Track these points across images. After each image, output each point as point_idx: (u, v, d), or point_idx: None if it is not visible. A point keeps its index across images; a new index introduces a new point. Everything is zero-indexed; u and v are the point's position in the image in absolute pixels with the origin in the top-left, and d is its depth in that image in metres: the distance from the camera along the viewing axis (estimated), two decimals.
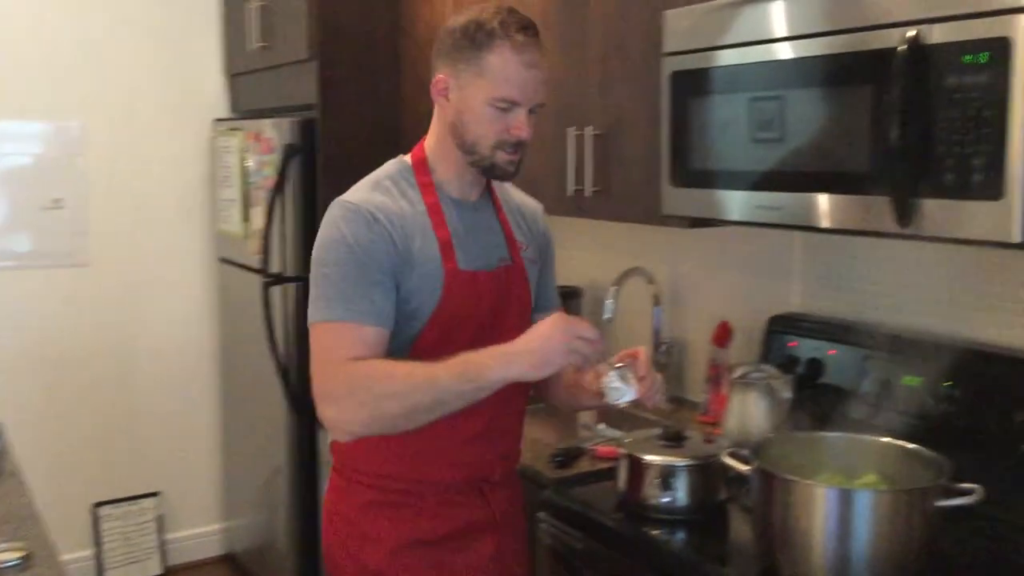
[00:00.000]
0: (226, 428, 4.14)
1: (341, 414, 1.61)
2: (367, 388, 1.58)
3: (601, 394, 1.67)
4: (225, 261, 3.98)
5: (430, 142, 1.79)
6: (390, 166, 1.80)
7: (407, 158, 1.80)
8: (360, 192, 1.72)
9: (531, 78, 1.67)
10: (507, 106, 1.67)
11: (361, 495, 1.78)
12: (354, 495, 1.80)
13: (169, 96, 3.97)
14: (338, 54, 3.40)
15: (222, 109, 4.10)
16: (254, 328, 3.53)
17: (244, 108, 4.03)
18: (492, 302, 1.76)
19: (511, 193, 1.91)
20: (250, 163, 3.63)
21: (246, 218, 3.69)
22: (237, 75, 4.02)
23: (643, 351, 1.70)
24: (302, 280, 3.44)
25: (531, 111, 1.69)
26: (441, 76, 1.71)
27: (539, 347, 1.54)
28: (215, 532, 4.21)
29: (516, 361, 1.55)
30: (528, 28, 1.68)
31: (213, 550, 4.20)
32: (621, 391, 1.65)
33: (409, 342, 1.69)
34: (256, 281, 3.47)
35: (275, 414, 3.54)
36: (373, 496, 1.77)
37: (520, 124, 1.68)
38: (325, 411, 1.62)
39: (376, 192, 1.72)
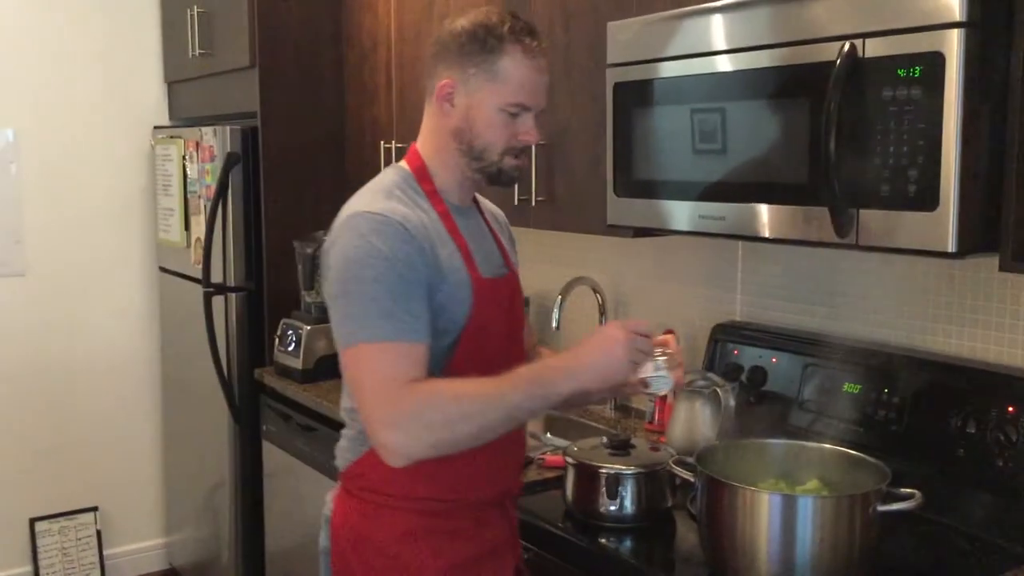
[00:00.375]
0: (167, 440, 4.07)
1: (408, 440, 1.51)
2: (437, 411, 1.51)
3: (645, 384, 1.63)
4: (165, 271, 3.91)
5: (427, 149, 1.73)
6: (392, 174, 1.71)
7: (404, 165, 1.73)
8: (377, 202, 1.62)
9: (541, 83, 1.67)
10: (517, 111, 1.65)
11: (397, 523, 1.68)
12: (388, 523, 1.69)
13: (106, 103, 3.90)
14: (280, 62, 3.38)
15: (161, 116, 4.03)
16: (196, 339, 3.49)
17: (184, 116, 3.98)
18: (509, 310, 1.74)
19: (482, 200, 1.89)
20: (190, 171, 3.58)
21: (186, 227, 3.64)
22: (176, 82, 3.96)
23: (672, 338, 1.70)
24: (244, 290, 3.41)
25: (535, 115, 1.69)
26: (447, 80, 1.66)
27: (604, 363, 1.53)
28: (157, 547, 4.14)
29: (583, 377, 1.53)
30: (534, 33, 1.67)
31: (155, 565, 4.12)
32: (665, 380, 1.62)
33: (442, 356, 1.63)
34: (197, 291, 3.42)
35: (217, 426, 3.49)
36: (411, 522, 1.68)
37: (530, 129, 1.68)
38: (388, 437, 1.51)
39: (392, 201, 1.63)
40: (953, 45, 1.47)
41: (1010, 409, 1.78)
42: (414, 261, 1.57)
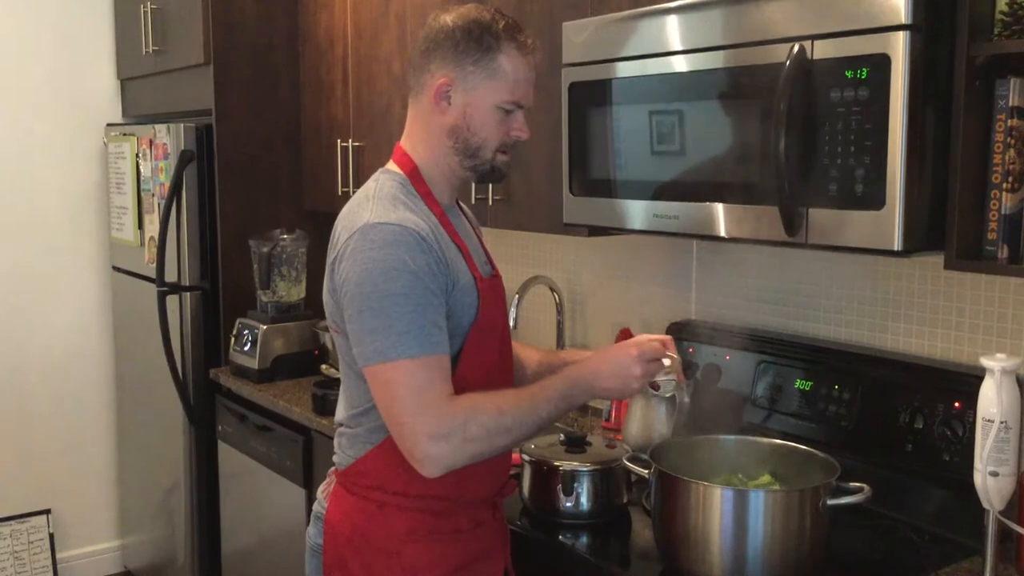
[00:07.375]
0: (121, 441, 4.03)
1: (450, 451, 1.54)
2: (479, 424, 1.55)
3: (656, 387, 1.79)
4: (119, 270, 3.87)
5: (419, 150, 1.71)
6: (389, 181, 1.68)
7: (397, 169, 1.71)
8: (388, 211, 1.60)
9: (531, 80, 1.70)
10: (512, 108, 1.67)
11: (400, 522, 1.68)
12: (391, 522, 1.68)
13: (59, 100, 3.84)
14: (235, 59, 3.35)
15: (114, 114, 3.98)
16: (150, 339, 3.45)
17: (137, 113, 3.93)
18: (502, 308, 1.77)
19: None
20: (144, 169, 3.54)
21: (140, 226, 3.60)
22: (130, 79, 3.91)
23: (670, 339, 1.76)
24: (199, 290, 3.38)
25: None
26: (444, 79, 1.65)
27: (621, 384, 1.65)
28: (112, 549, 4.09)
29: (600, 392, 1.68)
30: (524, 30, 1.69)
31: (109, 568, 4.08)
32: (672, 382, 1.79)
33: (451, 358, 1.63)
34: (151, 291, 3.39)
35: (172, 426, 3.46)
36: (414, 522, 1.68)
37: (522, 125, 1.70)
38: (430, 449, 1.53)
39: (400, 210, 1.61)
40: (899, 47, 1.50)
41: (956, 404, 1.82)
42: (434, 271, 1.58)
